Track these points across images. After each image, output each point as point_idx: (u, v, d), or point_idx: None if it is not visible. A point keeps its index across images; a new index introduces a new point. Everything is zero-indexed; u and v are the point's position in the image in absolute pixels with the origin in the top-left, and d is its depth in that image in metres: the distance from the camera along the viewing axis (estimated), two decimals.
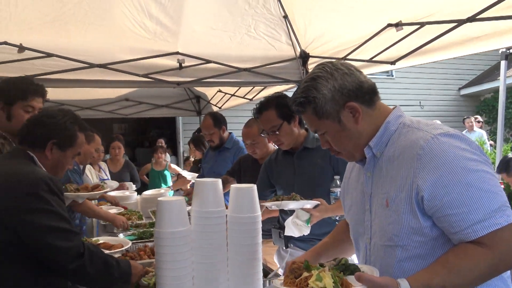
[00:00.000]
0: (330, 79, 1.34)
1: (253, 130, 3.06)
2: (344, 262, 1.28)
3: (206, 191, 1.62)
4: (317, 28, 3.55)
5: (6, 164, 1.75)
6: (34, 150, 1.81)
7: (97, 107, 6.62)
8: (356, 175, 1.53)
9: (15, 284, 1.62)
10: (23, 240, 1.59)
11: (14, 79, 2.36)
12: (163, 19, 3.30)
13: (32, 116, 1.94)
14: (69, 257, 1.60)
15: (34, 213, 1.59)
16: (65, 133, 1.84)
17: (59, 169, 1.89)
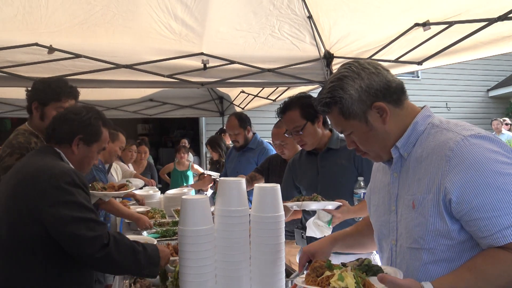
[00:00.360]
0: (357, 78, 1.32)
1: (283, 130, 3.06)
2: (367, 262, 1.26)
3: (230, 190, 1.63)
4: (342, 29, 3.53)
5: (33, 160, 1.81)
6: (61, 146, 1.86)
7: (122, 107, 6.75)
8: (382, 176, 1.50)
9: (40, 279, 1.67)
10: (50, 233, 1.64)
11: (49, 80, 2.43)
12: (188, 20, 3.34)
13: (58, 113, 1.99)
14: (95, 246, 1.63)
15: (58, 205, 1.63)
16: (91, 128, 1.89)
17: (86, 164, 1.94)
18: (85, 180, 1.77)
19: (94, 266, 1.74)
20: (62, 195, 1.64)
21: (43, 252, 1.66)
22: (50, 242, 1.65)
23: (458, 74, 11.49)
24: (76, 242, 1.63)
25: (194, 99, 7.08)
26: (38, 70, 3.23)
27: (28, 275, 1.66)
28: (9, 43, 3.07)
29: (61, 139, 1.86)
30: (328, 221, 2.22)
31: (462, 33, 2.61)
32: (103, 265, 1.69)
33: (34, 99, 2.36)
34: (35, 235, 1.64)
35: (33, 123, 2.40)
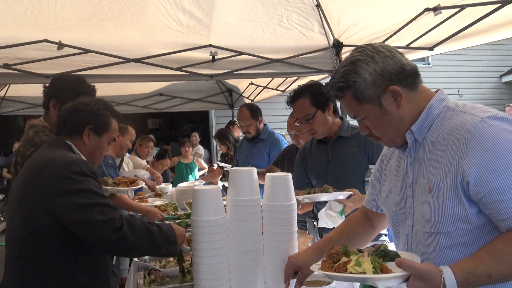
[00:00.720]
0: (371, 62, 1.29)
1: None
2: (383, 248, 1.25)
3: (242, 180, 1.63)
4: (350, 16, 3.48)
5: (43, 153, 1.83)
6: (72, 137, 1.88)
7: (132, 102, 6.79)
8: (395, 161, 1.48)
9: (56, 270, 1.69)
10: (63, 222, 1.65)
11: (68, 78, 2.41)
12: (196, 12, 3.33)
13: (66, 106, 1.99)
14: (109, 230, 1.63)
15: (68, 194, 1.65)
16: (100, 118, 1.91)
17: (97, 154, 1.95)
18: (94, 169, 1.78)
19: (111, 250, 1.74)
20: (71, 184, 1.66)
21: (58, 243, 1.68)
22: (64, 232, 1.67)
23: (470, 60, 11.31)
24: (90, 228, 1.64)
25: (203, 92, 7.09)
26: (48, 66, 3.25)
27: (43, 267, 1.68)
28: (19, 40, 3.10)
29: (72, 130, 1.88)
30: (341, 211, 2.21)
31: (474, 16, 2.56)
32: (119, 248, 1.70)
33: (52, 96, 2.35)
34: (48, 226, 1.66)
35: (49, 119, 2.39)
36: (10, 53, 3.14)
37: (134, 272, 2.20)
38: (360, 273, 1.15)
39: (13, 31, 3.11)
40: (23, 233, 1.70)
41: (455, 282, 1.11)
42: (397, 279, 1.14)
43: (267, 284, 1.67)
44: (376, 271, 1.14)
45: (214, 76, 3.76)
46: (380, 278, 1.14)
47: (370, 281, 1.15)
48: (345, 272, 1.17)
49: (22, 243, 1.71)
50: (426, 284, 1.12)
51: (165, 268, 2.11)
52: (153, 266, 2.08)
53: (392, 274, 1.15)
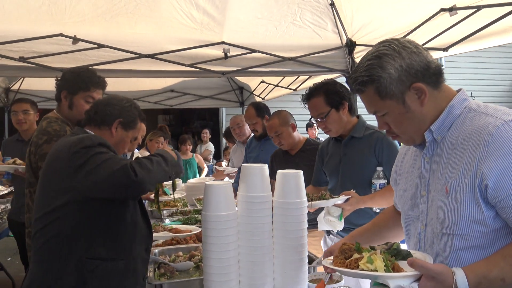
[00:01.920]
0: (397, 57, 1.26)
1: (274, 122, 3.08)
2: (396, 246, 1.24)
3: (253, 176, 1.64)
4: (364, 16, 3.47)
5: (62, 139, 1.92)
6: (100, 128, 1.96)
7: (143, 98, 6.81)
8: (411, 159, 1.47)
9: (75, 243, 1.73)
10: (86, 192, 1.71)
11: (78, 70, 2.49)
12: (209, 9, 3.34)
13: (101, 98, 2.09)
14: (128, 173, 1.67)
15: (81, 167, 1.71)
16: (130, 114, 2.01)
17: (120, 148, 2.03)
18: (105, 141, 1.84)
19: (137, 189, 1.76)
20: (81, 157, 1.72)
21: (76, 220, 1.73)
22: (83, 208, 1.73)
23: (483, 62, 11.18)
24: (110, 179, 1.69)
25: (215, 90, 7.10)
26: (63, 60, 3.28)
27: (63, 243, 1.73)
28: (34, 34, 3.13)
29: (102, 121, 1.96)
30: (339, 215, 2.22)
31: (490, 17, 2.54)
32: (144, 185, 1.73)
33: (63, 88, 2.42)
34: (67, 203, 1.72)
35: (61, 111, 2.46)
36: (26, 47, 3.18)
37: None
38: (372, 271, 1.15)
39: (29, 24, 3.15)
40: (43, 213, 1.77)
41: (467, 284, 1.10)
42: (409, 278, 1.14)
43: (277, 280, 1.67)
44: (387, 269, 1.14)
45: (226, 73, 3.76)
46: (392, 276, 1.14)
47: (381, 279, 1.15)
48: (357, 268, 1.17)
49: (41, 224, 1.77)
50: (437, 285, 1.11)
51: (174, 262, 2.13)
52: (163, 260, 2.10)
53: (404, 273, 1.15)
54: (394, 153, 2.32)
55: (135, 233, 1.89)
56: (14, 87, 6.29)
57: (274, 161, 3.29)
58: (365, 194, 2.31)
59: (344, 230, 2.53)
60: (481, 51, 3.14)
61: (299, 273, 1.66)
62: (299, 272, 1.66)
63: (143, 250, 1.93)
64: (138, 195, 1.87)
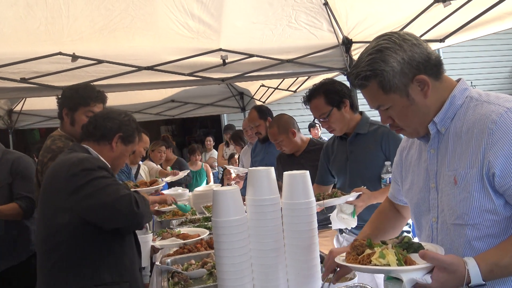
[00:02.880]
0: (399, 50, 1.25)
1: (273, 130, 3.09)
2: (407, 240, 1.24)
3: (260, 179, 1.65)
4: (359, 13, 3.49)
5: (61, 157, 1.92)
6: (99, 143, 1.95)
7: (144, 110, 6.85)
8: (416, 152, 1.47)
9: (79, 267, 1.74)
10: (83, 215, 1.72)
11: (77, 86, 2.52)
12: (205, 17, 3.37)
13: (98, 112, 2.09)
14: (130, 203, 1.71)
15: (80, 189, 1.72)
16: (129, 129, 2.01)
17: (120, 162, 2.04)
18: (105, 164, 1.85)
19: (136, 222, 1.79)
20: (81, 179, 1.73)
21: (79, 242, 1.74)
22: (84, 230, 1.73)
23: (482, 51, 11.14)
24: (111, 206, 1.70)
25: (215, 97, 7.12)
26: (63, 78, 3.32)
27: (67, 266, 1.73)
28: (34, 54, 3.17)
29: (102, 136, 1.96)
30: (352, 212, 2.22)
31: (484, 5, 2.54)
32: (142, 219, 1.78)
33: (64, 105, 2.45)
34: (67, 225, 1.72)
35: (64, 128, 2.49)
36: (26, 67, 3.22)
37: (157, 276, 2.23)
38: (384, 265, 1.15)
39: (28, 46, 3.19)
40: (46, 233, 1.78)
41: (479, 273, 1.11)
42: (421, 271, 1.14)
43: (290, 282, 1.67)
44: (400, 263, 1.15)
45: (225, 79, 3.79)
46: (404, 270, 1.14)
47: (394, 273, 1.15)
48: (369, 264, 1.18)
49: (45, 244, 1.78)
50: (450, 275, 1.11)
51: (187, 270, 2.14)
52: (176, 269, 2.11)
53: (416, 266, 1.15)
54: None
55: (133, 253, 1.91)
56: (17, 108, 6.34)
57: (280, 163, 3.30)
58: (375, 190, 2.31)
59: (357, 227, 2.53)
60: (477, 40, 3.13)
61: (312, 273, 1.66)
62: (312, 271, 1.66)
63: (138, 270, 1.95)
64: (134, 227, 1.87)
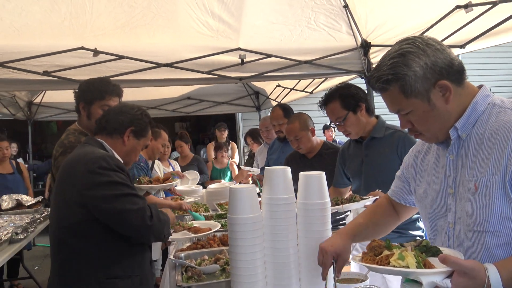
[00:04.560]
0: (422, 55, 1.25)
1: (295, 125, 3.06)
2: (425, 243, 1.24)
3: (276, 178, 1.67)
4: (378, 16, 3.48)
5: (76, 151, 1.94)
6: (112, 136, 1.98)
7: (161, 106, 6.93)
8: (433, 157, 1.47)
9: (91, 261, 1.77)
10: (95, 215, 1.74)
11: (93, 80, 2.54)
12: (225, 16, 3.40)
13: (111, 107, 2.10)
14: (143, 217, 1.73)
15: (96, 187, 1.74)
16: (141, 123, 2.02)
17: (132, 156, 2.05)
18: (121, 164, 1.86)
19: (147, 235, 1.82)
20: (98, 177, 1.75)
21: (92, 236, 1.77)
22: (97, 226, 1.75)
23: (502, 58, 10.97)
24: (124, 217, 1.73)
25: (231, 95, 7.16)
26: (84, 72, 3.38)
27: (79, 260, 1.77)
28: (57, 48, 3.24)
29: (114, 129, 1.98)
30: None
31: (508, 11, 2.52)
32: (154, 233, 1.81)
33: (80, 99, 2.48)
34: (82, 220, 1.75)
35: (81, 122, 2.52)
36: (49, 61, 3.29)
37: (170, 269, 2.27)
38: (403, 267, 1.15)
39: (51, 39, 3.26)
40: (59, 226, 1.81)
41: (500, 280, 1.10)
42: (441, 275, 1.14)
43: (302, 280, 1.70)
44: (419, 265, 1.15)
45: (243, 78, 3.82)
46: (424, 272, 1.14)
47: (413, 275, 1.15)
48: (388, 265, 1.18)
49: (58, 236, 1.81)
50: (470, 281, 1.10)
51: (200, 265, 2.17)
52: (190, 264, 2.14)
53: (436, 270, 1.15)
54: None
55: (144, 247, 1.93)
56: (36, 100, 6.48)
57: (289, 164, 3.31)
58: None
59: None
60: (498, 46, 3.10)
61: None
62: None
63: (149, 263, 1.97)
64: (144, 240, 1.88)
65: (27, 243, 3.49)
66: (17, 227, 3.22)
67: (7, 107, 5.76)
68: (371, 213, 1.72)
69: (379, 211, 1.71)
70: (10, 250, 3.05)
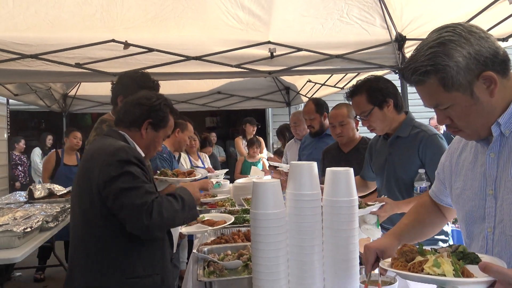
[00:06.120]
0: (465, 44, 1.14)
1: (343, 111, 3.04)
2: (462, 249, 1.13)
3: (302, 173, 1.61)
4: (415, 9, 3.35)
5: (97, 143, 1.92)
6: (130, 129, 1.94)
7: (191, 100, 6.97)
8: (470, 155, 1.37)
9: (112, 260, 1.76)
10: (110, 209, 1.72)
11: (134, 74, 2.54)
12: (255, 9, 3.35)
13: (129, 97, 2.05)
14: (141, 215, 1.67)
15: (111, 181, 1.71)
16: (160, 114, 1.96)
17: (152, 148, 2.01)
18: (140, 156, 1.83)
19: (146, 234, 1.76)
20: (114, 170, 1.72)
21: (113, 233, 1.75)
22: (117, 221, 1.73)
23: None
24: (125, 212, 1.69)
25: (261, 90, 7.12)
26: (115, 65, 3.42)
27: (101, 259, 1.75)
28: (89, 41, 3.29)
29: (131, 122, 1.94)
30: (376, 222, 2.16)
31: None
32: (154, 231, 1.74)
33: (120, 93, 2.46)
34: (104, 215, 1.74)
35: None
36: (81, 53, 3.34)
37: (193, 263, 2.25)
38: (439, 275, 1.06)
39: (83, 32, 3.31)
40: (80, 222, 1.79)
41: None
42: (481, 285, 1.04)
43: (327, 280, 1.63)
44: (457, 273, 1.05)
45: (272, 72, 3.76)
46: (463, 282, 1.05)
47: (450, 284, 1.06)
48: (421, 272, 1.08)
49: (82, 232, 1.80)
50: None
51: (223, 260, 2.14)
52: (212, 258, 2.11)
53: (477, 279, 1.05)
54: (438, 155, 2.17)
55: (164, 244, 1.90)
56: (71, 92, 6.64)
57: (326, 158, 3.23)
58: (409, 196, 2.23)
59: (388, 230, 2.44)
60: None
61: (350, 273, 1.60)
62: (351, 272, 1.61)
63: (169, 261, 1.94)
64: (143, 236, 1.80)
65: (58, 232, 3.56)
66: (48, 216, 3.29)
67: (42, 99, 5.92)
68: (415, 213, 1.65)
69: (423, 210, 1.63)
70: (41, 237, 3.13)
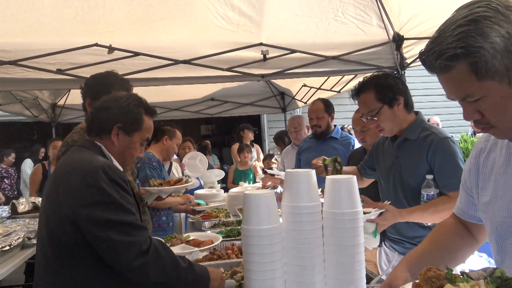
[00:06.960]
0: (503, 21, 0.93)
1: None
2: (499, 274, 0.94)
3: (298, 183, 1.43)
4: (412, 7, 3.23)
5: (70, 156, 1.68)
6: (101, 138, 1.72)
7: (184, 107, 6.81)
8: (501, 157, 1.18)
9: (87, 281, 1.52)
10: (85, 236, 1.49)
11: (99, 74, 2.38)
12: (245, 9, 3.20)
13: (97, 102, 1.83)
14: (131, 253, 1.46)
15: (92, 205, 1.48)
16: (130, 116, 1.72)
17: (128, 156, 1.77)
18: (124, 176, 1.61)
19: (132, 276, 1.53)
20: (97, 194, 1.49)
21: (87, 258, 1.52)
22: (91, 250, 1.51)
23: None
24: (112, 248, 1.47)
25: (255, 96, 6.97)
26: (99, 70, 3.16)
27: (74, 278, 1.52)
28: (70, 45, 3.12)
29: (100, 129, 1.71)
30: (373, 231, 1.95)
31: None
32: (140, 275, 1.50)
33: (86, 95, 2.31)
34: (73, 237, 1.51)
35: None
36: (63, 59, 3.17)
37: None
38: None
39: (64, 36, 3.15)
40: (48, 244, 1.55)
41: None
42: None
43: None
44: None
45: (265, 76, 3.60)
46: None
47: None
48: None
49: (46, 257, 1.56)
50: None
51: None
52: None
53: None
54: (449, 160, 2.03)
55: None
56: (60, 102, 6.45)
57: (351, 160, 3.04)
58: (416, 203, 2.05)
59: (394, 241, 2.28)
60: None
61: None
62: None
63: None
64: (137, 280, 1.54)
65: None
66: (30, 232, 3.08)
67: (29, 108, 5.72)
68: (434, 235, 1.44)
69: (446, 231, 1.41)
70: (23, 255, 2.93)
